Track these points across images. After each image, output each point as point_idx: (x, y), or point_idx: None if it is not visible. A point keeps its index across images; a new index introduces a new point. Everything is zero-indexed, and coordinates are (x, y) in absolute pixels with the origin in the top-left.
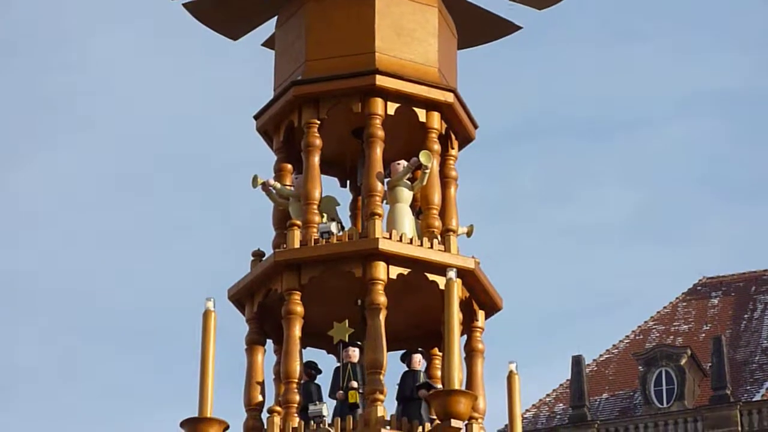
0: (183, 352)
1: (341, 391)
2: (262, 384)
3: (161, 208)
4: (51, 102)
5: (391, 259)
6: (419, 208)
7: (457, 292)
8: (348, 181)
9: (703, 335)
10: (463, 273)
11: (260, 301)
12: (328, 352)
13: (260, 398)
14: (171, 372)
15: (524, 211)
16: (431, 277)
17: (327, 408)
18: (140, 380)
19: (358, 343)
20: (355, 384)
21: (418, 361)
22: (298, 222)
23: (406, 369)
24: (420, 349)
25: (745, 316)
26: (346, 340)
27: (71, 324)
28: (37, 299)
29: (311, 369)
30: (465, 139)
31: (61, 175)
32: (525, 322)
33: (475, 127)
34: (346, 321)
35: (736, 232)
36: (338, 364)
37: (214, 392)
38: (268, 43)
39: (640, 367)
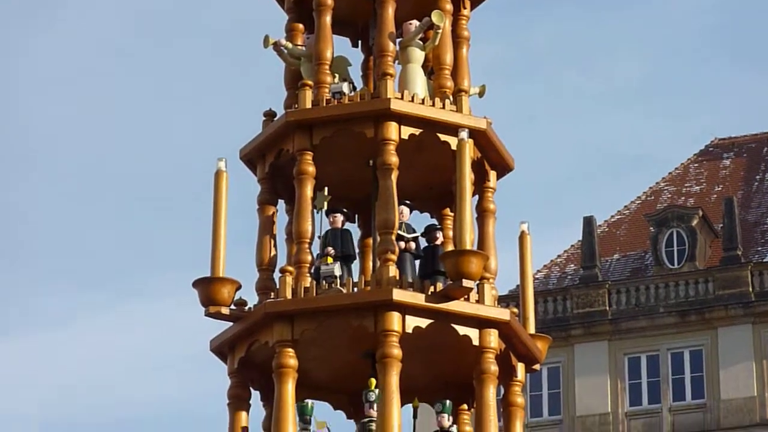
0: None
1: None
2: (274, 244)
3: (172, 71)
4: None
5: (403, 119)
6: (431, 68)
7: (469, 152)
8: (360, 42)
9: (715, 196)
10: (475, 133)
11: (272, 161)
12: (346, 218)
13: (272, 258)
14: (184, 234)
15: (538, 74)
16: (443, 137)
17: (339, 268)
18: (155, 242)
19: (343, 210)
20: (331, 250)
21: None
22: (310, 82)
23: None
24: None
25: (757, 177)
26: (325, 208)
27: (83, 188)
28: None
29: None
30: None
31: (71, 40)
32: (537, 183)
33: None
34: (326, 189)
35: (748, 93)
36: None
37: (226, 253)
38: None
39: (651, 228)
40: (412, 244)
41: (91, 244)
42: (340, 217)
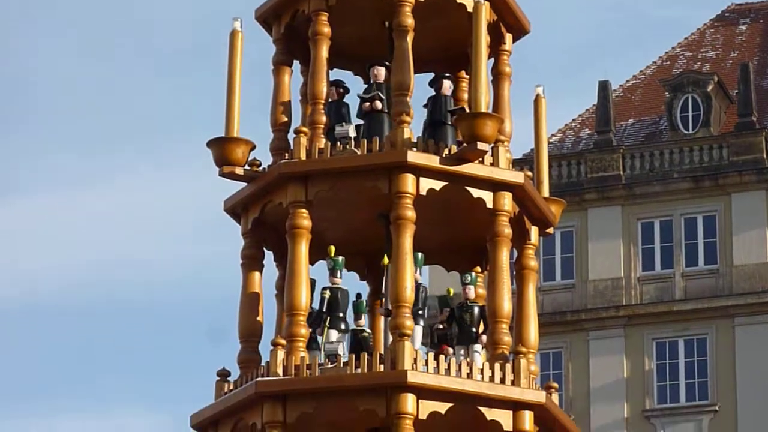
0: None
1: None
2: (288, 105)
3: None
4: None
5: None
6: None
7: (485, 14)
8: None
9: (730, 62)
10: None
11: (287, 22)
12: (355, 74)
13: (286, 119)
14: (200, 96)
15: None
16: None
17: (354, 129)
18: (170, 105)
19: (386, 63)
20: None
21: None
22: None
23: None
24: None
25: None
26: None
27: (97, 48)
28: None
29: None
30: None
31: None
32: (553, 48)
33: None
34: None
35: None
36: (365, 85)
37: (241, 114)
38: None
39: (666, 93)
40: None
41: (106, 106)
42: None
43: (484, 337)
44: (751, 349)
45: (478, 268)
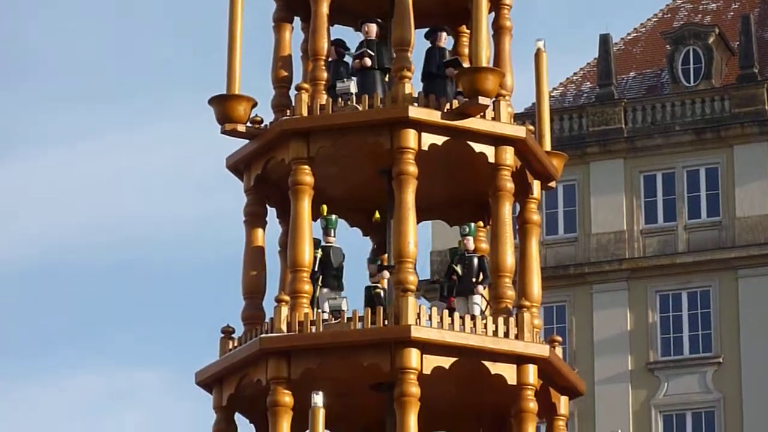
0: (214, 34)
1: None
2: (289, 62)
3: None
4: None
5: None
6: None
7: None
8: None
9: (732, 14)
10: None
11: None
12: (356, 30)
13: (288, 75)
14: (202, 54)
15: None
16: None
17: (355, 85)
18: (172, 62)
19: (378, 20)
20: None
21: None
22: None
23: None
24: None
25: None
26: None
27: (99, 6)
28: None
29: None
30: None
31: None
32: (553, 1)
33: None
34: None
35: None
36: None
37: (242, 72)
38: None
39: (667, 46)
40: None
41: (108, 64)
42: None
43: (481, 287)
44: (755, 300)
45: (481, 223)
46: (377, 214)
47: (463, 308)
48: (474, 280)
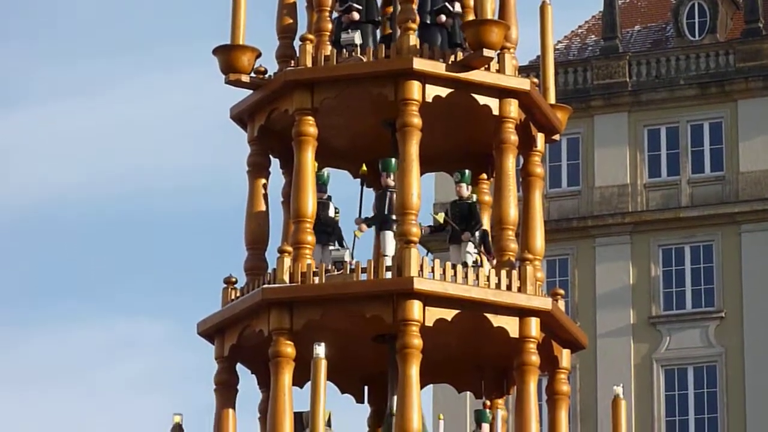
0: None
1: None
2: (294, 12)
3: None
4: None
5: None
6: None
7: None
8: None
9: None
10: None
11: None
12: None
13: (292, 25)
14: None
15: None
16: None
17: (359, 36)
18: (175, 11)
19: None
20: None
21: None
22: None
23: None
24: None
25: None
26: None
27: None
28: None
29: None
30: None
31: None
32: None
33: None
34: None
35: None
36: None
37: (247, 21)
38: None
39: (672, 0)
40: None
41: (110, 15)
42: None
43: (468, 234)
44: (757, 255)
45: (484, 175)
46: (364, 167)
47: (456, 256)
48: (465, 226)
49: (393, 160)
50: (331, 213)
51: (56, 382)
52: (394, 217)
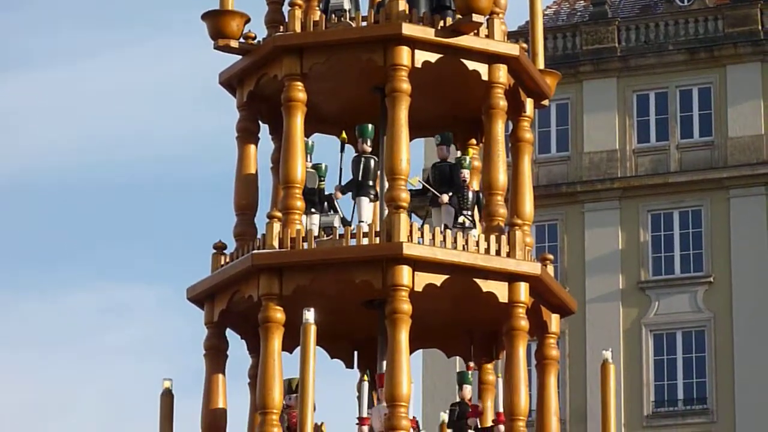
0: None
1: None
2: None
3: None
4: None
5: None
6: None
7: None
8: None
9: None
10: None
11: None
12: None
13: None
14: None
15: None
16: None
17: (349, 2)
18: None
19: None
20: None
21: None
22: None
23: None
24: None
25: None
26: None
27: None
28: None
29: None
30: None
31: None
32: None
33: None
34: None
35: None
36: None
37: None
38: None
39: None
40: None
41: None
42: None
43: (445, 197)
44: (746, 220)
45: (474, 140)
46: (344, 134)
47: (438, 219)
48: (444, 189)
49: (370, 126)
50: (315, 182)
51: (48, 347)
52: (370, 183)
